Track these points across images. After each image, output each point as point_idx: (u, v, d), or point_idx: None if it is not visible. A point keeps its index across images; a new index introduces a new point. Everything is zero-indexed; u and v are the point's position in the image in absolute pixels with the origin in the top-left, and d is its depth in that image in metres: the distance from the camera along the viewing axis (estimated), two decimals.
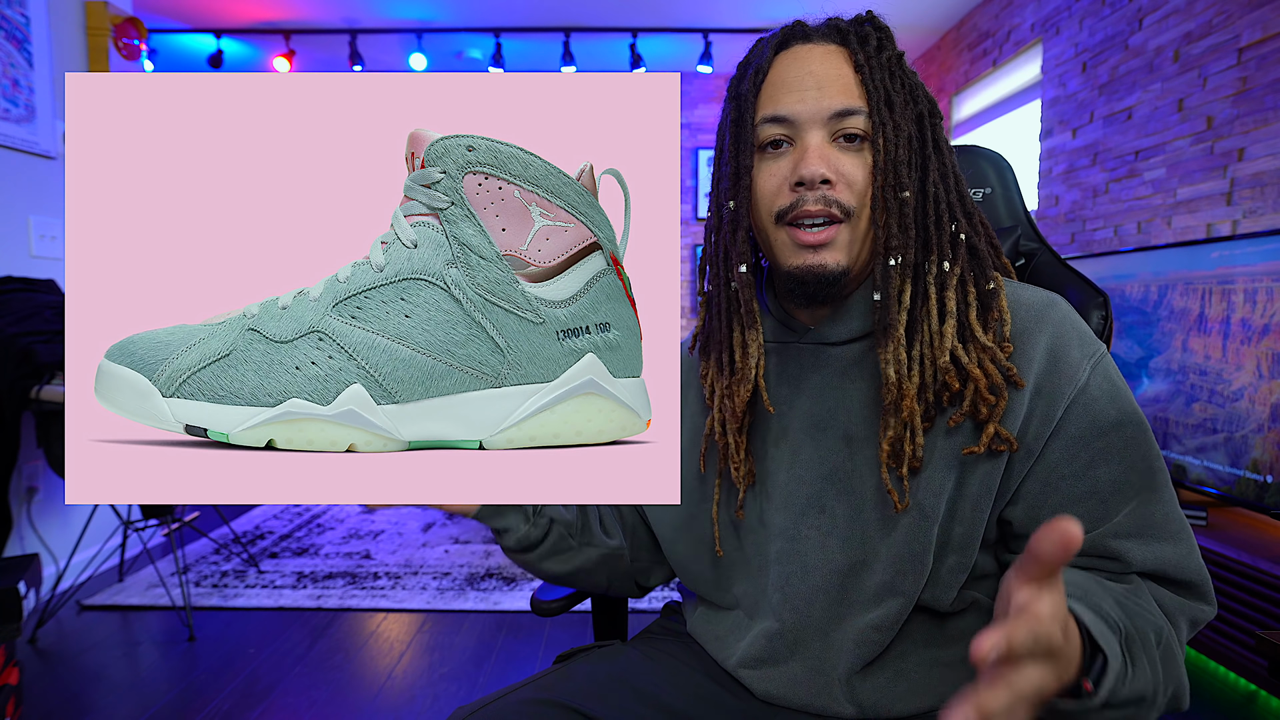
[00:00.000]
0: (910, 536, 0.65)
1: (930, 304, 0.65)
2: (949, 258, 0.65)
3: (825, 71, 0.65)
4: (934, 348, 0.64)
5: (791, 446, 0.71)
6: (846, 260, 0.66)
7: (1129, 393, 0.64)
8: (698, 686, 0.74)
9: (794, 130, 0.66)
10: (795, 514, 0.70)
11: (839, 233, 0.65)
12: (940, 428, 0.65)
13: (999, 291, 0.65)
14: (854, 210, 0.65)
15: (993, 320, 0.64)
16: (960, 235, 0.66)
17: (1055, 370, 0.63)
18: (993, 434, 0.62)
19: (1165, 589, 0.62)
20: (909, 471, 0.65)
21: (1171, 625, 0.60)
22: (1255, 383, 1.77)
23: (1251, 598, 1.65)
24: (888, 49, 0.67)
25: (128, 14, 2.74)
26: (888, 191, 0.65)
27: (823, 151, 0.64)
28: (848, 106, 0.65)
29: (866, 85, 0.65)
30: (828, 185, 0.64)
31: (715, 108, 5.27)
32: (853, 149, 0.65)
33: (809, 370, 0.72)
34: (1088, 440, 0.62)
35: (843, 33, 0.67)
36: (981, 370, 0.63)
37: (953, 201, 0.67)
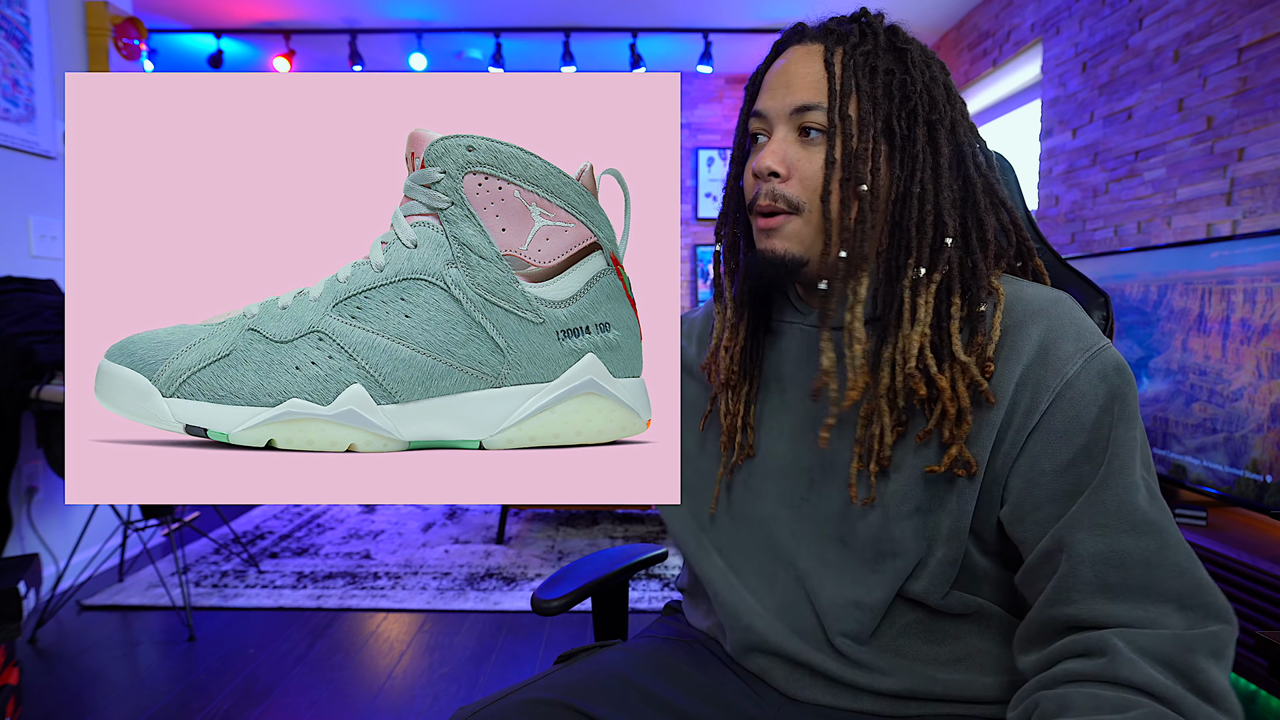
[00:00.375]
0: (870, 536, 0.67)
1: (904, 308, 0.64)
2: (927, 264, 0.65)
3: (797, 70, 0.68)
4: (903, 353, 0.64)
5: (787, 421, 0.74)
6: (799, 249, 0.68)
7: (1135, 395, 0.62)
8: (700, 685, 0.74)
9: (767, 125, 0.69)
10: (786, 486, 0.73)
11: (787, 222, 0.68)
12: (911, 437, 0.65)
13: (993, 312, 0.64)
14: (802, 204, 0.67)
15: (976, 342, 0.63)
16: (946, 241, 0.65)
17: (1044, 362, 0.61)
18: (954, 455, 0.61)
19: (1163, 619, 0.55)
20: (880, 469, 0.65)
21: (1181, 673, 0.53)
22: (1255, 383, 1.77)
23: (1251, 598, 1.65)
24: (868, 44, 0.67)
25: (128, 14, 2.74)
26: (845, 185, 0.65)
27: (777, 146, 0.68)
28: (806, 102, 0.67)
29: (830, 81, 0.66)
30: (777, 178, 0.67)
31: (715, 108, 5.27)
32: (813, 143, 0.67)
33: (808, 350, 0.74)
34: (1070, 436, 0.60)
35: (828, 32, 0.69)
36: (951, 387, 0.62)
37: (943, 205, 0.65)
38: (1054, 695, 0.55)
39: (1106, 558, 0.57)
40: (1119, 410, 0.60)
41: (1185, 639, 0.54)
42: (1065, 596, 0.58)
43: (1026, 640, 0.61)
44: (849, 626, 0.68)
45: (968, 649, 0.68)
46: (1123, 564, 0.57)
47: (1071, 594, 0.58)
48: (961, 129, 0.68)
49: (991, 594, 0.68)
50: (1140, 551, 0.57)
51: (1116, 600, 0.56)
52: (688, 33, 4.31)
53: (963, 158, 0.68)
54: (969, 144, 0.68)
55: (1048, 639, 0.60)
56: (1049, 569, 0.60)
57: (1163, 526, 0.58)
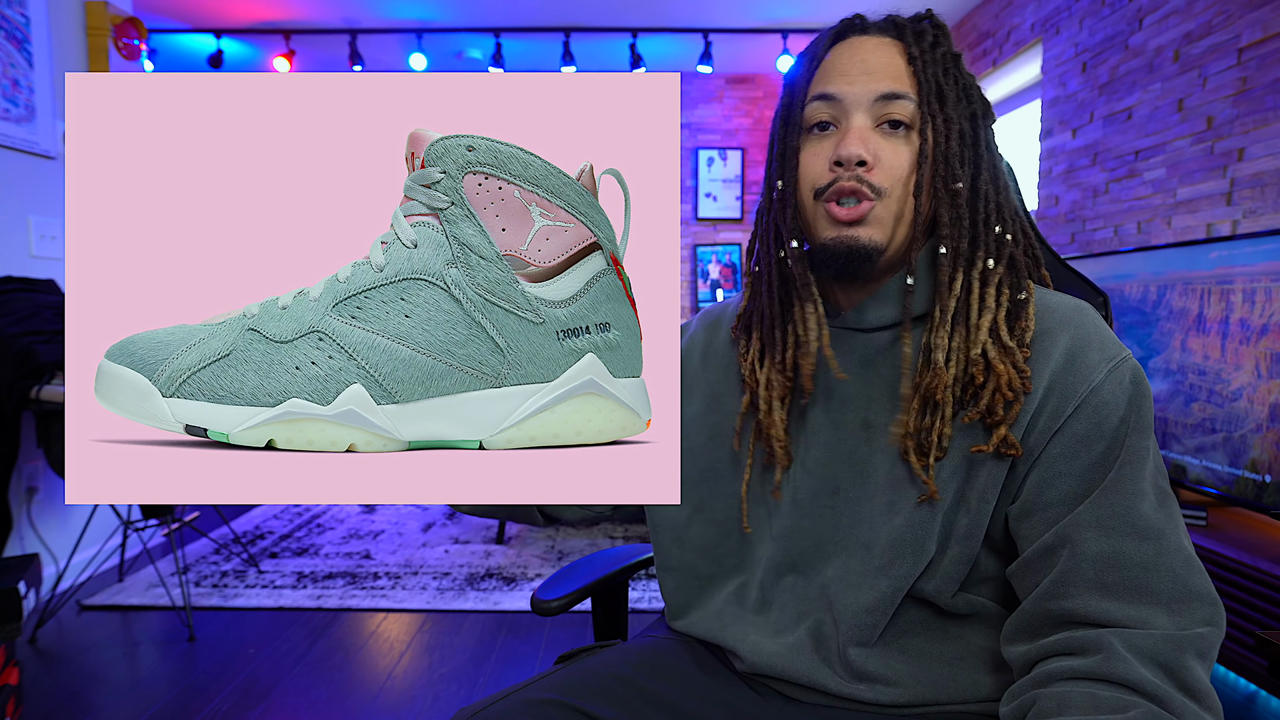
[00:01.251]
0: (914, 522, 0.66)
1: (973, 297, 0.66)
2: (994, 255, 0.67)
3: (876, 60, 0.67)
4: (969, 340, 0.66)
5: (813, 427, 0.73)
6: (881, 237, 0.67)
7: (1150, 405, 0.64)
8: (702, 685, 0.74)
9: (840, 111, 0.67)
10: (810, 493, 0.72)
11: (873, 209, 0.67)
12: (957, 423, 0.66)
13: (1029, 300, 0.67)
14: (886, 192, 0.66)
15: (1019, 327, 0.66)
16: (1006, 236, 0.68)
17: (1071, 369, 0.63)
18: (1003, 436, 0.63)
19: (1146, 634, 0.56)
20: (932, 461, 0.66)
21: (1171, 672, 0.54)
22: (1254, 382, 1.77)
23: (1251, 598, 1.65)
24: (943, 45, 0.69)
25: (128, 14, 2.74)
26: (939, 181, 0.67)
27: (863, 134, 0.66)
28: (894, 90, 0.66)
29: (918, 75, 0.67)
30: (864, 167, 0.66)
31: (715, 108, 5.27)
32: (897, 135, 0.67)
33: (838, 354, 0.73)
34: (1090, 442, 0.62)
35: (899, 27, 0.69)
36: (1005, 368, 0.64)
37: (1002, 203, 0.69)
38: (1051, 694, 0.56)
39: (1108, 558, 0.58)
40: (1135, 419, 0.62)
41: (1175, 639, 0.55)
42: (1063, 591, 0.59)
43: (1017, 631, 0.62)
44: (862, 635, 0.67)
45: (970, 648, 0.68)
46: (1122, 566, 0.58)
47: (1070, 589, 0.59)
48: (994, 135, 0.71)
49: (992, 593, 0.69)
50: (1139, 555, 0.58)
51: (1112, 599, 0.58)
52: (688, 33, 4.31)
53: (997, 160, 0.71)
54: (998, 149, 0.72)
55: (1040, 632, 0.61)
56: (1049, 563, 0.61)
57: (1163, 532, 0.59)
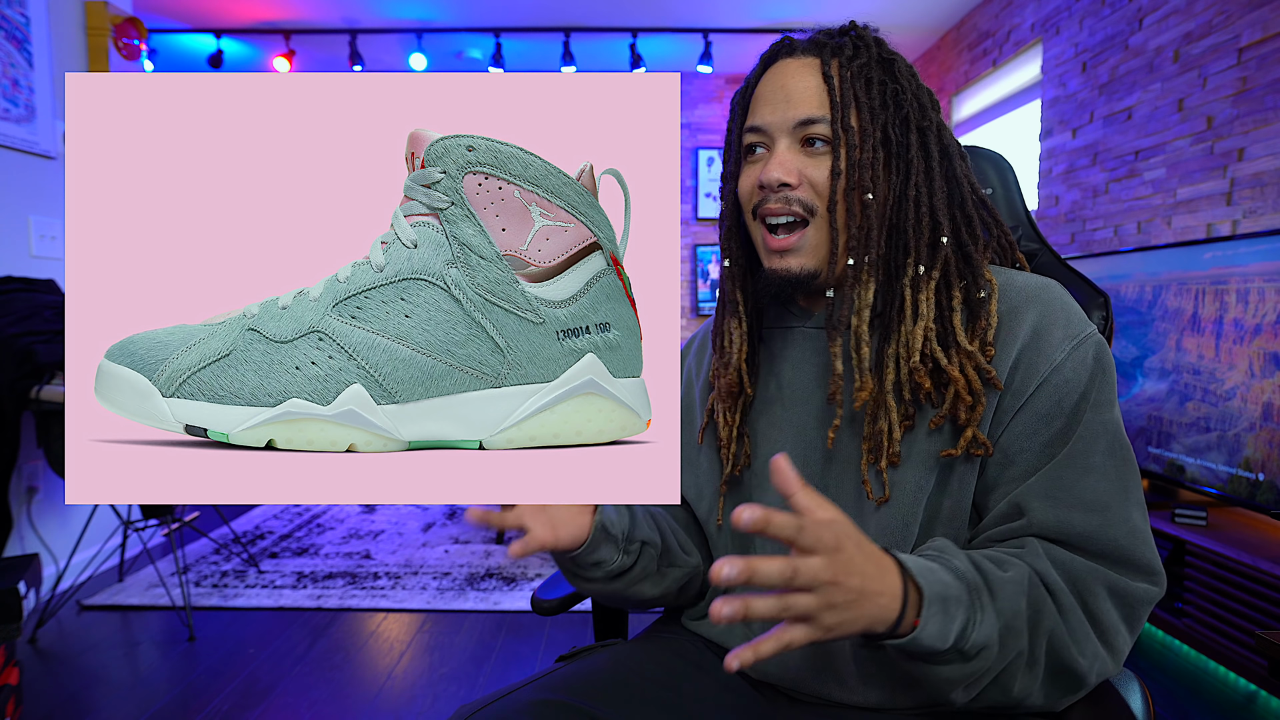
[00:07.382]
0: (884, 531, 0.68)
1: (906, 306, 0.68)
2: (925, 262, 0.68)
3: (795, 84, 0.71)
4: (906, 348, 0.67)
5: (784, 427, 0.75)
6: (814, 263, 0.71)
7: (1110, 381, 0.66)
8: (702, 685, 0.74)
9: (767, 138, 0.72)
10: (778, 495, 0.72)
11: (804, 237, 0.70)
12: (921, 429, 0.68)
13: (991, 297, 0.68)
14: (817, 208, 0.70)
15: (979, 326, 0.67)
16: (942, 239, 0.69)
17: (1035, 346, 0.65)
18: (970, 438, 0.65)
19: (1076, 554, 0.62)
20: (888, 466, 0.68)
21: (1078, 589, 0.60)
22: (1247, 382, 1.77)
23: (1251, 598, 1.65)
24: (862, 57, 0.70)
25: (128, 14, 2.74)
26: (850, 194, 0.69)
27: (783, 158, 0.70)
28: (809, 116, 0.69)
29: (831, 94, 0.69)
30: (788, 188, 0.70)
31: (715, 108, 5.27)
32: (818, 153, 0.70)
33: (810, 354, 0.75)
34: (1050, 419, 0.64)
35: (820, 45, 0.72)
36: (961, 374, 0.65)
37: (937, 206, 0.69)
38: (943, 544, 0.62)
39: (1054, 527, 0.62)
40: (1096, 394, 0.65)
41: (1094, 569, 0.60)
42: (1014, 543, 0.64)
43: None
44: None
45: None
46: (1066, 538, 0.62)
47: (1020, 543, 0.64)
48: (946, 132, 0.72)
49: None
50: (1084, 525, 0.62)
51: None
52: (688, 33, 4.31)
53: (949, 158, 0.71)
54: (953, 144, 0.72)
55: None
56: (1003, 524, 0.65)
57: (1109, 505, 0.62)
